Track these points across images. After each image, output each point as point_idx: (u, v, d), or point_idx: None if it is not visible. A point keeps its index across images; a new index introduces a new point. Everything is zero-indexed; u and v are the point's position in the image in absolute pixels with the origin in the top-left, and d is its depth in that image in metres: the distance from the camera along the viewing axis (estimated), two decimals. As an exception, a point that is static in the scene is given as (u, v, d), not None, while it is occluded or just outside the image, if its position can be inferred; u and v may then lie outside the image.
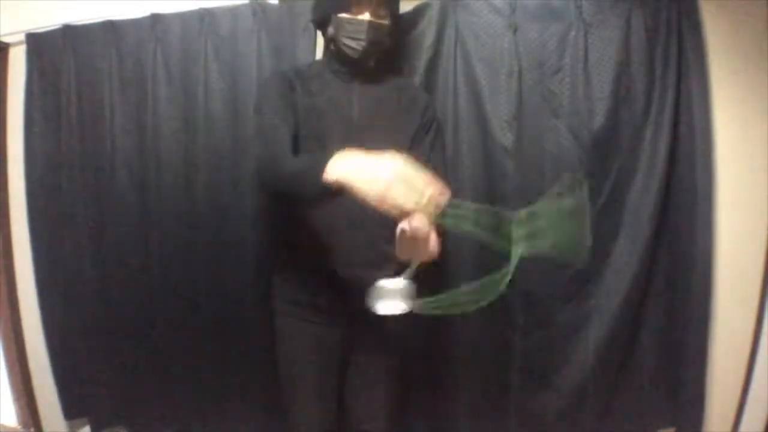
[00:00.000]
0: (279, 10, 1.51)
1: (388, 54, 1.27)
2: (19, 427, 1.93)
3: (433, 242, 0.89)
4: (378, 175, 0.82)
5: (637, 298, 1.40)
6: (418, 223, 0.84)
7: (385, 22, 1.19)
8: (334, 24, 1.18)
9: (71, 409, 1.80)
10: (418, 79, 1.42)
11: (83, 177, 1.68)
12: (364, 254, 1.17)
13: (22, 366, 1.88)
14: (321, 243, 1.19)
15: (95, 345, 1.72)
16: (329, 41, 1.23)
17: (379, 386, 1.26)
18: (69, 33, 1.65)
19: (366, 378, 1.25)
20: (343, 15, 1.16)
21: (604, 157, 1.38)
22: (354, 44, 1.16)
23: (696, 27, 1.36)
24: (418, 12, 1.43)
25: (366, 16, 1.15)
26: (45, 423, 1.91)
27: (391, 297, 0.93)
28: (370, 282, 0.94)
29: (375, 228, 1.13)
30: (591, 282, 1.41)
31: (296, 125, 1.15)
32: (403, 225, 0.86)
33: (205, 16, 1.53)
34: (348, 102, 1.20)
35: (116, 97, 1.62)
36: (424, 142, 1.24)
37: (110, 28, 1.61)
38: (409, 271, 0.93)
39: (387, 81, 1.27)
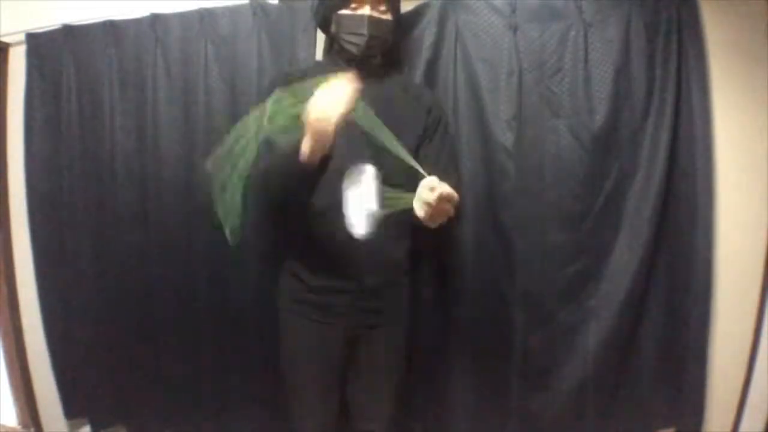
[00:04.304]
0: (279, 10, 1.51)
1: (390, 52, 1.27)
2: (19, 427, 1.93)
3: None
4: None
5: (637, 298, 1.40)
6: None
7: (386, 17, 1.19)
8: (335, 22, 1.18)
9: (71, 409, 1.80)
10: (418, 79, 1.41)
11: (83, 177, 1.68)
12: (367, 255, 1.17)
13: (22, 366, 1.88)
14: (324, 243, 1.19)
15: (95, 345, 1.72)
16: (331, 41, 1.23)
17: (381, 386, 1.26)
18: (69, 33, 1.65)
19: (368, 378, 1.26)
20: (344, 12, 1.16)
21: (604, 157, 1.38)
22: (355, 39, 1.16)
23: (696, 27, 1.36)
24: (418, 12, 1.43)
25: (366, 11, 1.16)
26: (45, 423, 1.91)
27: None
28: (371, 283, 0.93)
29: (379, 230, 1.13)
30: (591, 282, 1.41)
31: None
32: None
33: (205, 16, 1.53)
34: None
35: (116, 97, 1.62)
36: (433, 142, 1.24)
37: (110, 28, 1.61)
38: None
39: (389, 81, 1.26)
